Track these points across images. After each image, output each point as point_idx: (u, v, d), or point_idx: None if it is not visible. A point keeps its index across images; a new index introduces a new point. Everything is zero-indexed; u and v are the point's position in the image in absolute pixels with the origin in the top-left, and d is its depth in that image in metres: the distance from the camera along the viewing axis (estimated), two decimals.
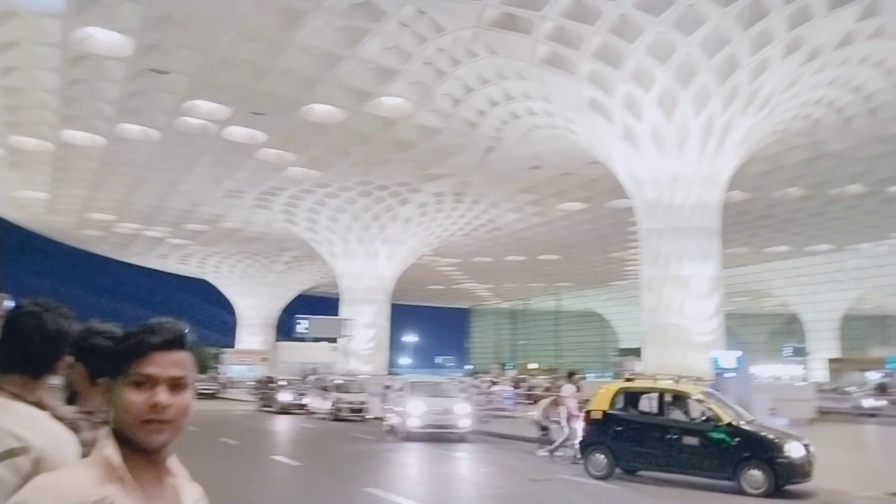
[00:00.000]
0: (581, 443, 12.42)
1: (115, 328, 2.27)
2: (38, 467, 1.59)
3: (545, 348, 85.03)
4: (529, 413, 17.02)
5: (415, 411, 18.32)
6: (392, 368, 57.32)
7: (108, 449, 1.35)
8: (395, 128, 25.36)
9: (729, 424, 10.89)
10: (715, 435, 10.87)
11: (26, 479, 1.50)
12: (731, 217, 32.14)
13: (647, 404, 12.23)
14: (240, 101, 23.22)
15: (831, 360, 48.41)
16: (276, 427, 23.83)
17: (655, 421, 11.79)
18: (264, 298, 61.32)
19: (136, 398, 1.35)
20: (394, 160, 29.57)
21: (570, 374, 16.72)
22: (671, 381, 12.34)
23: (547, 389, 33.88)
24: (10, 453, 1.60)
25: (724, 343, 28.78)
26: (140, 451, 1.37)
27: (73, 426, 2.01)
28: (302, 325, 39.46)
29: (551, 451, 14.71)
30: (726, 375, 19.20)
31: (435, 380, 24.46)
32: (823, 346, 56.28)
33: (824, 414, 26.38)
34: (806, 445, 10.80)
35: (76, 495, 1.29)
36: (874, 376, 43.71)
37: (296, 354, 48.66)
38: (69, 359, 2.17)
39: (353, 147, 28.07)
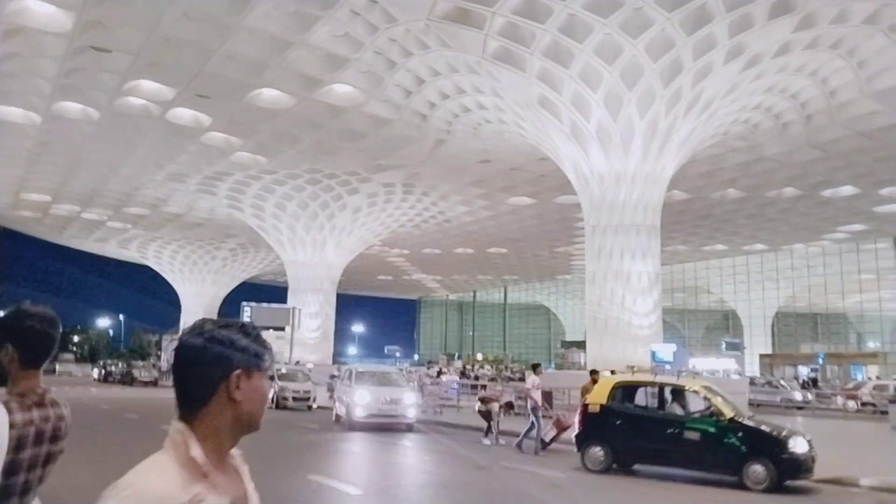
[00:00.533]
0: (577, 437, 12.14)
1: (48, 311, 2.29)
2: None
3: (493, 340, 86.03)
4: (477, 403, 17.31)
5: (361, 401, 18.03)
6: (339, 358, 57.11)
7: (195, 449, 1.46)
8: (346, 116, 25.20)
9: (732, 420, 10.74)
10: (717, 430, 10.71)
11: None
12: (672, 216, 33.19)
13: (647, 398, 12.05)
14: (184, 82, 22.67)
15: (763, 356, 50.40)
16: None
17: (655, 415, 11.60)
18: (207, 285, 60.15)
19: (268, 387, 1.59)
20: (343, 149, 29.39)
21: (535, 367, 17.04)
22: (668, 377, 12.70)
23: (492, 380, 34.40)
24: None
25: (663, 337, 29.75)
26: (224, 444, 1.54)
27: (7, 407, 2.04)
28: (246, 313, 38.86)
29: (496, 440, 15.16)
30: (666, 367, 19.93)
31: (382, 369, 24.08)
32: (758, 342, 58.56)
33: (756, 406, 27.53)
34: (809, 441, 10.74)
35: (171, 498, 1.38)
36: (804, 371, 45.83)
37: None
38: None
39: (302, 134, 27.77)
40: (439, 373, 38.16)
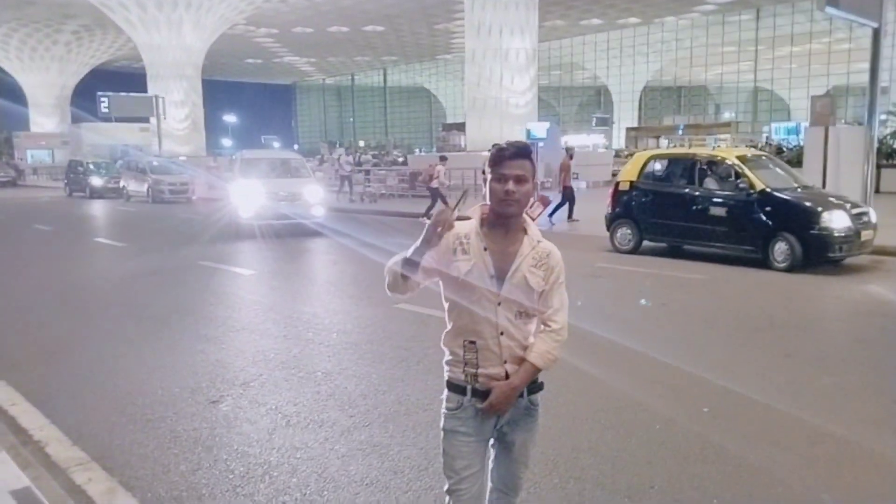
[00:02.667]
0: (607, 217, 11.53)
1: None
2: None
3: (374, 125, 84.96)
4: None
5: (248, 199, 14.28)
6: (213, 150, 54.93)
7: (476, 214, 2.17)
8: None
9: (762, 192, 9.57)
10: (744, 204, 9.68)
11: None
12: None
13: (677, 173, 10.95)
14: None
15: (629, 129, 53.18)
16: (91, 212, 22.66)
17: (684, 191, 10.55)
18: (53, 74, 54.15)
19: (496, 187, 2.09)
20: None
21: (442, 158, 18.71)
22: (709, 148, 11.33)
23: (375, 165, 34.69)
24: None
25: (539, 115, 30.70)
26: (500, 219, 2.14)
27: None
28: (104, 104, 35.83)
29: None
30: (539, 145, 20.84)
31: (280, 155, 20.12)
32: (626, 117, 61.54)
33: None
34: (861, 214, 9.65)
35: (456, 231, 2.13)
36: (664, 143, 49.24)
37: (102, 136, 44.74)
38: None
39: None
40: (321, 161, 37.86)
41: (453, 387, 2.19)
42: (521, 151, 2.11)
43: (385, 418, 4.33)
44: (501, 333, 2.13)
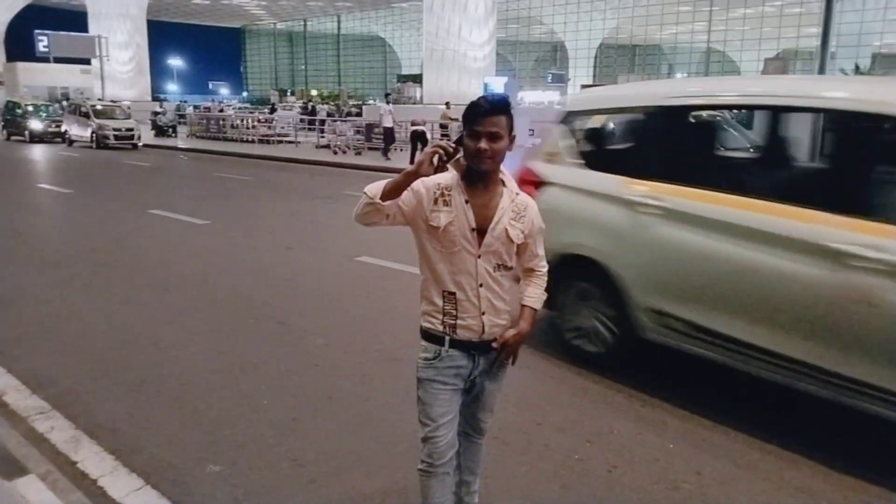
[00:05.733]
0: None
1: None
2: None
3: (326, 74, 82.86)
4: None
5: None
6: (158, 94, 52.86)
7: (454, 169, 2.13)
8: None
9: None
10: None
11: None
12: None
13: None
14: None
15: (583, 86, 53.31)
16: (33, 156, 21.67)
17: None
18: None
19: (469, 143, 2.07)
20: None
21: (387, 95, 21.79)
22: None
23: (329, 115, 33.99)
24: None
25: (496, 69, 30.45)
26: (477, 173, 2.12)
27: None
28: (42, 43, 33.94)
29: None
30: None
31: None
32: (581, 73, 61.57)
33: None
34: None
35: (436, 182, 2.12)
36: None
37: (40, 77, 42.50)
38: None
39: None
40: (272, 109, 36.92)
41: (431, 336, 2.22)
42: (497, 107, 2.07)
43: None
44: (481, 285, 2.18)
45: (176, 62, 78.05)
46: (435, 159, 2.00)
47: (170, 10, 66.26)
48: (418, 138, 18.88)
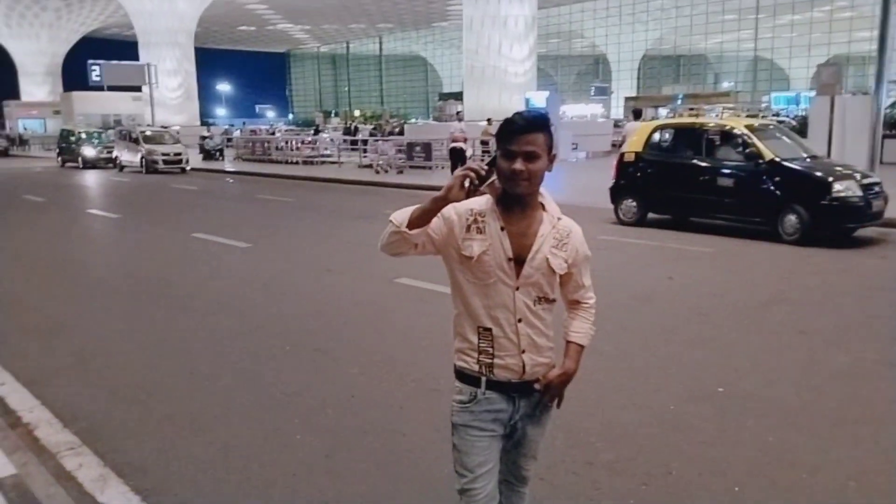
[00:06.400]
0: (612, 189, 11.26)
1: None
2: None
3: (369, 94, 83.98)
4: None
5: None
6: (206, 119, 54.26)
7: (489, 193, 1.91)
8: None
9: (771, 161, 9.26)
10: (752, 174, 9.39)
11: None
12: None
13: (684, 143, 10.60)
14: None
15: (627, 98, 52.67)
16: (84, 182, 22.33)
17: (691, 162, 10.21)
18: (44, 42, 53.20)
19: (504, 164, 1.85)
20: None
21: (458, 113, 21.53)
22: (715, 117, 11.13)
23: (372, 135, 34.27)
24: None
25: (537, 84, 30.25)
26: (513, 197, 1.90)
27: None
28: (95, 73, 35.17)
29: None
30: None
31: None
32: (624, 86, 60.89)
33: (617, 147, 29.38)
34: (871, 184, 9.25)
35: (468, 207, 1.91)
36: (663, 112, 48.79)
37: (94, 105, 44.07)
38: None
39: None
40: (317, 130, 37.42)
41: (465, 378, 1.99)
42: (533, 124, 1.85)
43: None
44: (520, 320, 1.94)
45: (224, 87, 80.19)
46: (466, 183, 1.75)
47: (217, 38, 68.17)
48: (457, 155, 18.58)
